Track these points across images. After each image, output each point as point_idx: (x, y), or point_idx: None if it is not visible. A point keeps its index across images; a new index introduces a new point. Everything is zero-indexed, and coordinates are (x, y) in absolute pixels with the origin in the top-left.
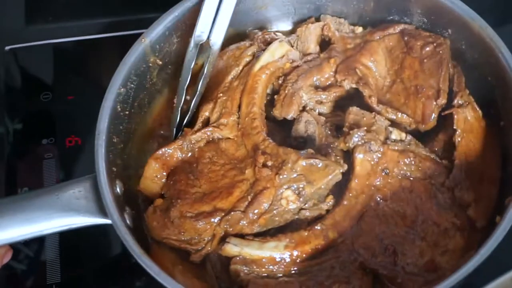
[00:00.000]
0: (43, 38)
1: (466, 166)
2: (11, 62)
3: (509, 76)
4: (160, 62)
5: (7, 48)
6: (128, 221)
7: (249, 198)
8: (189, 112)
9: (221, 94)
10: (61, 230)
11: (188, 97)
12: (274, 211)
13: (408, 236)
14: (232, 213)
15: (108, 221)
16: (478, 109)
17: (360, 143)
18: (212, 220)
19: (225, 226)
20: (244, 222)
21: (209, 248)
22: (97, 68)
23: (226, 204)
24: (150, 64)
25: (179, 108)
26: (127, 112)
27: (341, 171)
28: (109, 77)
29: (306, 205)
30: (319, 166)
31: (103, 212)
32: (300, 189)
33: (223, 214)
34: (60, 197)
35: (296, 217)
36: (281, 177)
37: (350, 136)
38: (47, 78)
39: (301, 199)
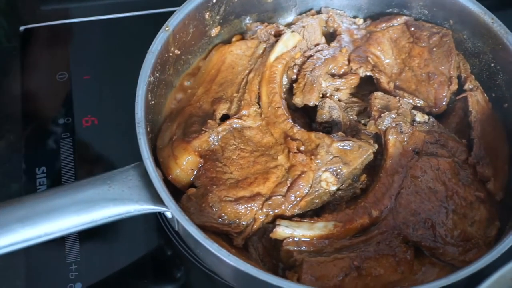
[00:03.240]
0: (57, 18)
1: (484, 144)
2: (26, 42)
3: None
4: (178, 52)
5: (22, 28)
6: None
7: (288, 183)
8: None
9: (236, 94)
10: (116, 219)
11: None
12: (316, 193)
13: (441, 210)
14: (273, 197)
15: (163, 209)
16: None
17: (391, 125)
18: (253, 204)
19: (267, 210)
20: (286, 206)
21: (250, 231)
22: (112, 48)
23: (264, 189)
24: (171, 54)
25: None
26: (153, 102)
27: (373, 150)
28: (124, 57)
29: (343, 186)
30: (353, 147)
31: (156, 199)
32: (338, 170)
33: (263, 198)
34: (112, 186)
35: (332, 198)
36: (317, 161)
37: (382, 119)
38: (63, 58)
39: (339, 179)
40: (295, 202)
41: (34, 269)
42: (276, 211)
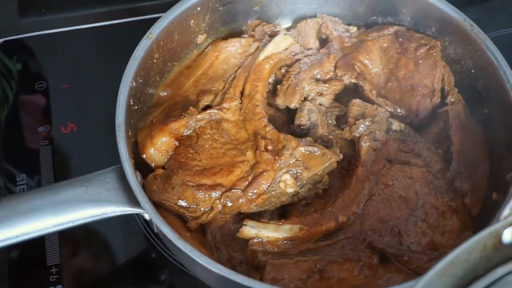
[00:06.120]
0: (36, 29)
1: (463, 159)
2: (5, 54)
3: (494, 67)
4: (162, 59)
5: (1, 40)
6: None
7: (249, 178)
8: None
9: (221, 88)
10: (93, 220)
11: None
12: (272, 193)
13: (411, 218)
14: (233, 190)
15: (139, 211)
16: (467, 106)
17: (365, 132)
18: (213, 193)
19: (225, 201)
20: (243, 200)
21: (205, 219)
22: (89, 57)
23: (226, 181)
24: (155, 60)
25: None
26: (136, 107)
27: (336, 160)
28: (101, 65)
29: (302, 189)
30: (316, 154)
31: (133, 202)
32: (298, 174)
33: (223, 189)
34: (90, 188)
35: (294, 199)
36: (281, 161)
37: (356, 126)
38: (42, 68)
39: (298, 183)
40: (253, 197)
41: (15, 272)
42: (233, 204)
